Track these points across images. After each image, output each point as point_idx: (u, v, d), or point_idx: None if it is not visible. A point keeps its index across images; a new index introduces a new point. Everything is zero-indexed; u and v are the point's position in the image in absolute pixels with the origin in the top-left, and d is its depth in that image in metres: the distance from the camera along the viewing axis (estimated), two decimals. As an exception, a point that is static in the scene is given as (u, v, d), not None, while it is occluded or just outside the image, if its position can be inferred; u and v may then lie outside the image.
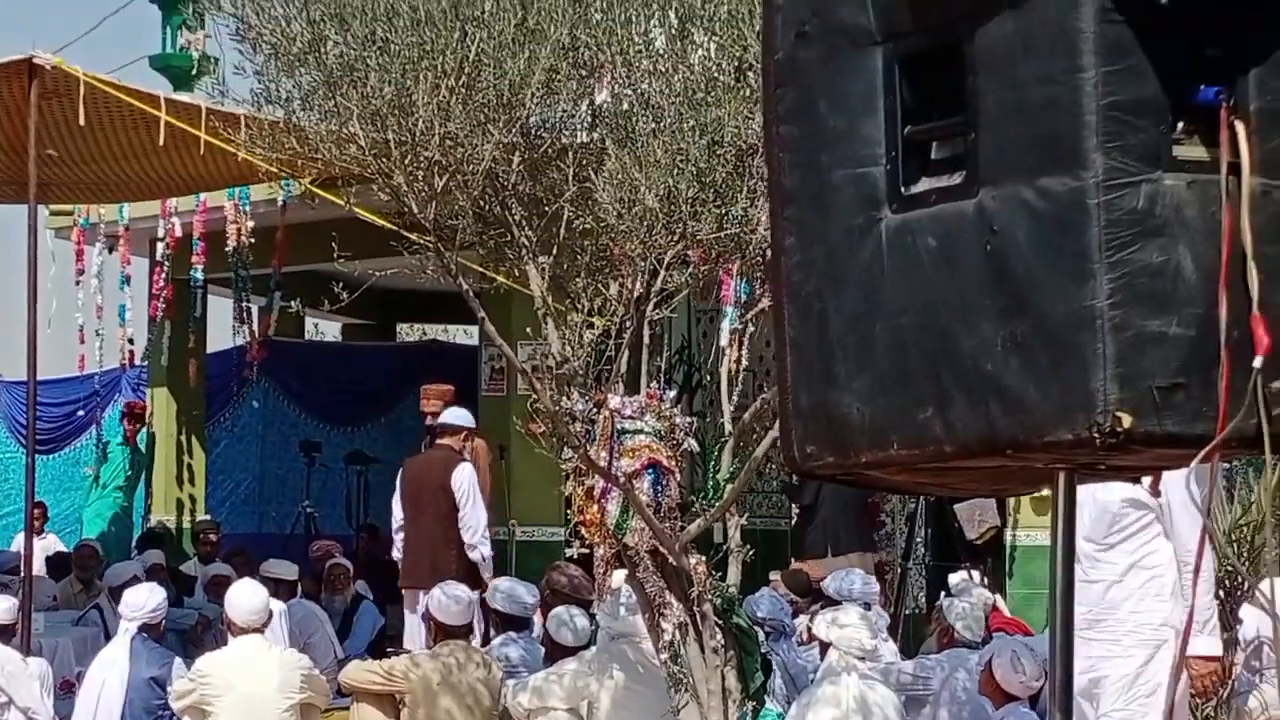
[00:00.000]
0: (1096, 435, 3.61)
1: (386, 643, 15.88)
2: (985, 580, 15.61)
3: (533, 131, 9.45)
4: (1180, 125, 3.68)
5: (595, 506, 9.87)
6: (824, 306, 4.04)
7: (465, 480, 14.68)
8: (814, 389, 4.08)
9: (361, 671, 11.65)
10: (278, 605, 13.29)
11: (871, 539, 17.89)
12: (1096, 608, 9.33)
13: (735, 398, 10.49)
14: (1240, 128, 3.67)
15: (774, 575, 15.04)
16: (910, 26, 3.94)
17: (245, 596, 11.79)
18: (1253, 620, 10.31)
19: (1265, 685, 10.26)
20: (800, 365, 4.11)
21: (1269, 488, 3.98)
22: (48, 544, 20.07)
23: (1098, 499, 9.23)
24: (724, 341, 12.63)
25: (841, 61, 4.02)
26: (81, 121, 13.50)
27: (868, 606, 12.45)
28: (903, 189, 3.93)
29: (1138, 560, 9.36)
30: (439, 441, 14.89)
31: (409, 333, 26.96)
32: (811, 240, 4.07)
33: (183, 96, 14.47)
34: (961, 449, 3.85)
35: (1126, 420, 3.58)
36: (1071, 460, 3.94)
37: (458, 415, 15.27)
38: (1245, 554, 10.03)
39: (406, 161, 9.23)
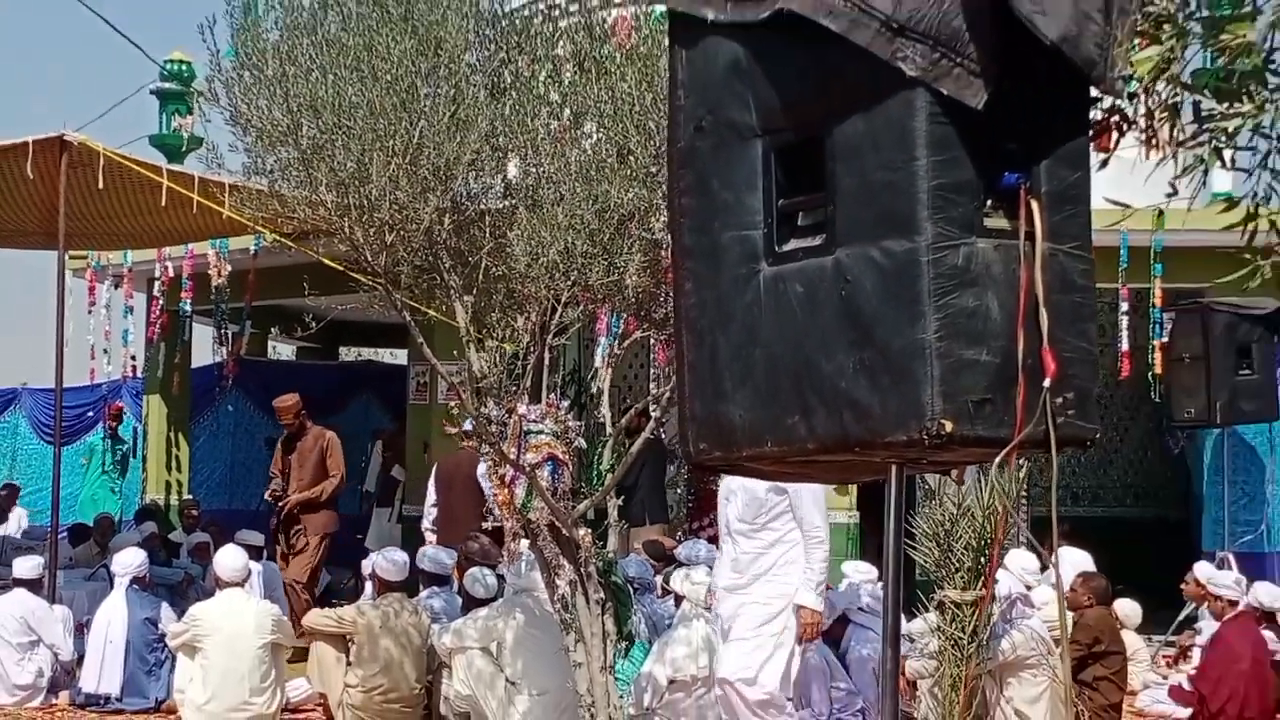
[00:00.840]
0: (925, 437, 3.68)
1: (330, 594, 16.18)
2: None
3: (461, 198, 9.48)
4: (989, 202, 3.76)
5: (506, 490, 9.95)
6: (714, 337, 4.09)
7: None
8: (706, 400, 4.12)
9: (319, 617, 11.68)
10: (254, 565, 13.31)
11: (666, 513, 17.58)
12: (747, 573, 9.91)
13: (609, 408, 10.65)
14: (1035, 205, 3.75)
15: (636, 544, 14.90)
16: (783, 124, 3.98)
17: (230, 558, 11.89)
18: (1005, 581, 10.32)
19: (1014, 631, 10.38)
20: (696, 382, 4.15)
21: (1053, 483, 3.99)
22: (19, 515, 20.43)
23: (748, 488, 9.70)
24: (599, 364, 12.73)
25: (730, 150, 4.07)
26: (100, 186, 13.37)
27: (710, 567, 12.56)
28: (776, 247, 3.98)
29: (779, 537, 9.78)
30: (465, 444, 14.44)
31: (348, 354, 26.92)
32: (705, 286, 4.10)
33: (179, 168, 14.36)
34: (821, 447, 3.90)
35: (948, 426, 3.66)
36: (904, 456, 4.00)
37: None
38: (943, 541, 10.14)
39: (364, 221, 9.23)
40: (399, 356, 24.36)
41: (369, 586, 12.94)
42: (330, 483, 15.49)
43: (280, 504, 15.54)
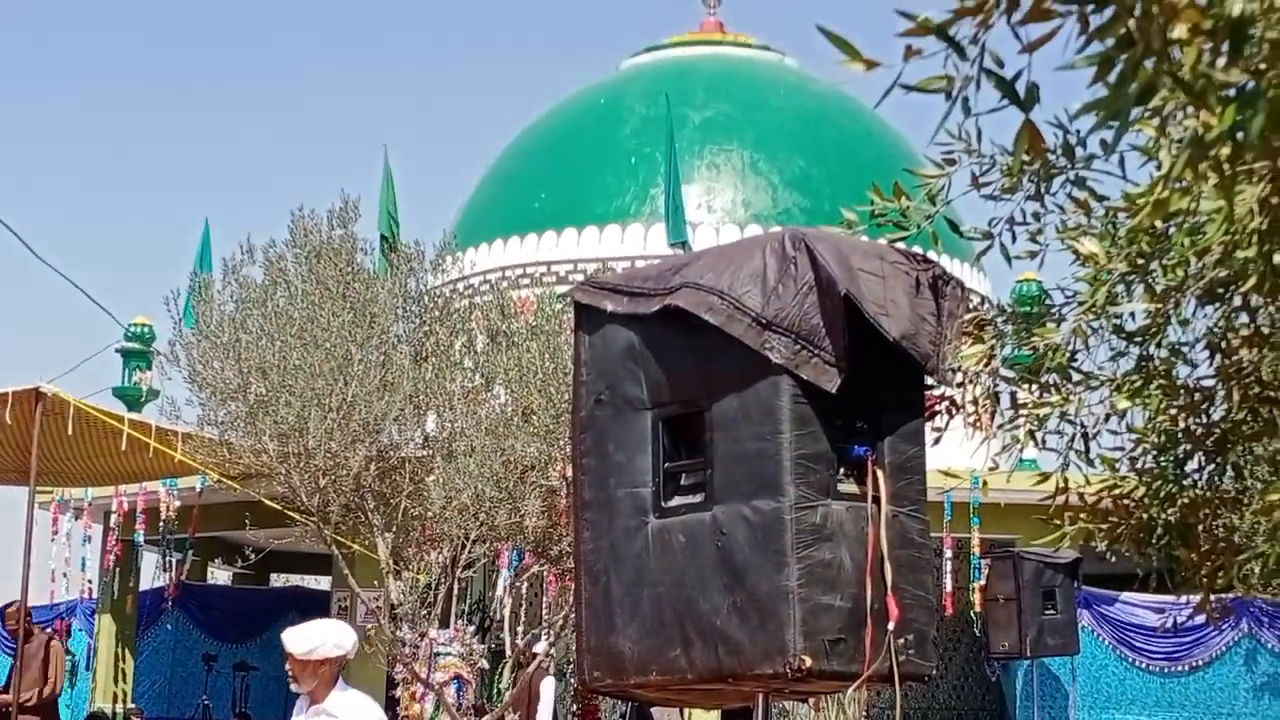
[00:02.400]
0: (788, 670, 3.61)
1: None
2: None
3: (385, 448, 9.43)
4: (842, 470, 3.75)
5: (417, 705, 9.70)
6: (608, 578, 3.99)
7: (549, 690, 13.15)
8: (600, 633, 4.00)
9: None
10: None
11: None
12: None
13: (509, 632, 10.52)
14: (880, 474, 3.74)
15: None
16: (669, 399, 3.95)
17: None
18: None
19: None
20: (591, 617, 4.03)
21: (897, 711, 3.96)
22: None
23: None
24: (500, 593, 12.48)
25: (624, 419, 4.02)
26: (70, 432, 13.00)
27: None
28: (662, 503, 3.93)
29: None
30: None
31: (278, 579, 26.36)
32: (601, 534, 4.03)
33: (138, 417, 14.07)
34: (699, 678, 3.82)
35: (808, 661, 3.59)
36: (770, 686, 3.89)
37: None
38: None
39: (300, 467, 9.20)
40: (323, 583, 23.63)
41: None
42: (47, 688, 14.12)
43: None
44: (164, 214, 75.76)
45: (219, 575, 24.69)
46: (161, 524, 18.34)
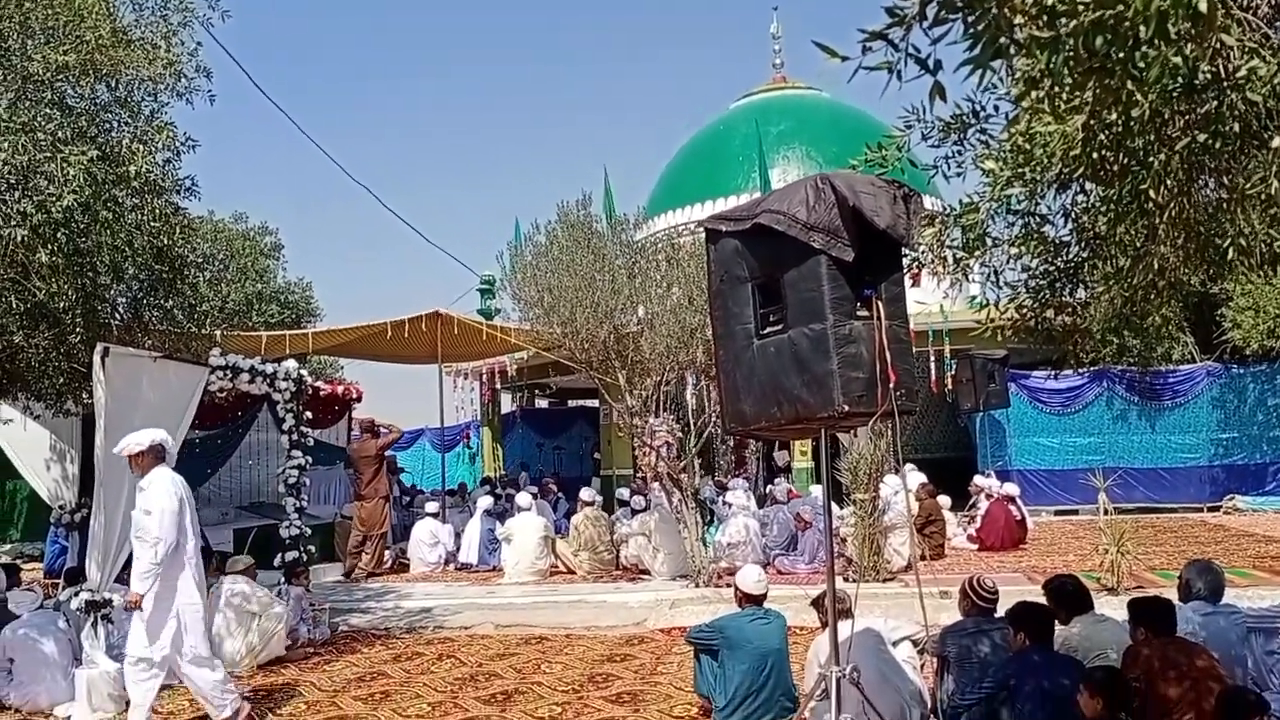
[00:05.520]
0: (836, 413, 3.78)
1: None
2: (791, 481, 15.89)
3: (618, 326, 10.39)
4: (858, 304, 3.87)
5: (647, 456, 10.42)
6: (735, 373, 4.16)
7: None
8: (732, 403, 4.18)
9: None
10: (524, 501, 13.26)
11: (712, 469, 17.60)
12: None
13: (692, 417, 10.99)
14: (879, 304, 3.87)
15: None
16: (760, 275, 4.08)
17: (522, 499, 12.75)
18: (884, 489, 10.30)
19: (889, 511, 10.36)
20: (727, 395, 4.21)
21: (895, 435, 4.21)
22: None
23: None
24: (688, 396, 13.06)
25: (736, 288, 4.16)
26: (455, 333, 14.33)
27: (743, 492, 13.03)
28: (760, 332, 4.08)
29: None
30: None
31: (573, 403, 26.75)
32: (728, 351, 4.18)
33: (503, 323, 14.61)
34: (788, 421, 3.96)
35: (846, 407, 3.76)
36: (826, 424, 4.03)
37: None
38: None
39: (574, 340, 10.36)
40: (593, 402, 23.99)
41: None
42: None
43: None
44: (495, 206, 78.29)
45: (540, 402, 25.65)
46: (510, 378, 19.92)
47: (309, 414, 10.37)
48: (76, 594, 6.68)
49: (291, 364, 9.92)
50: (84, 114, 7.43)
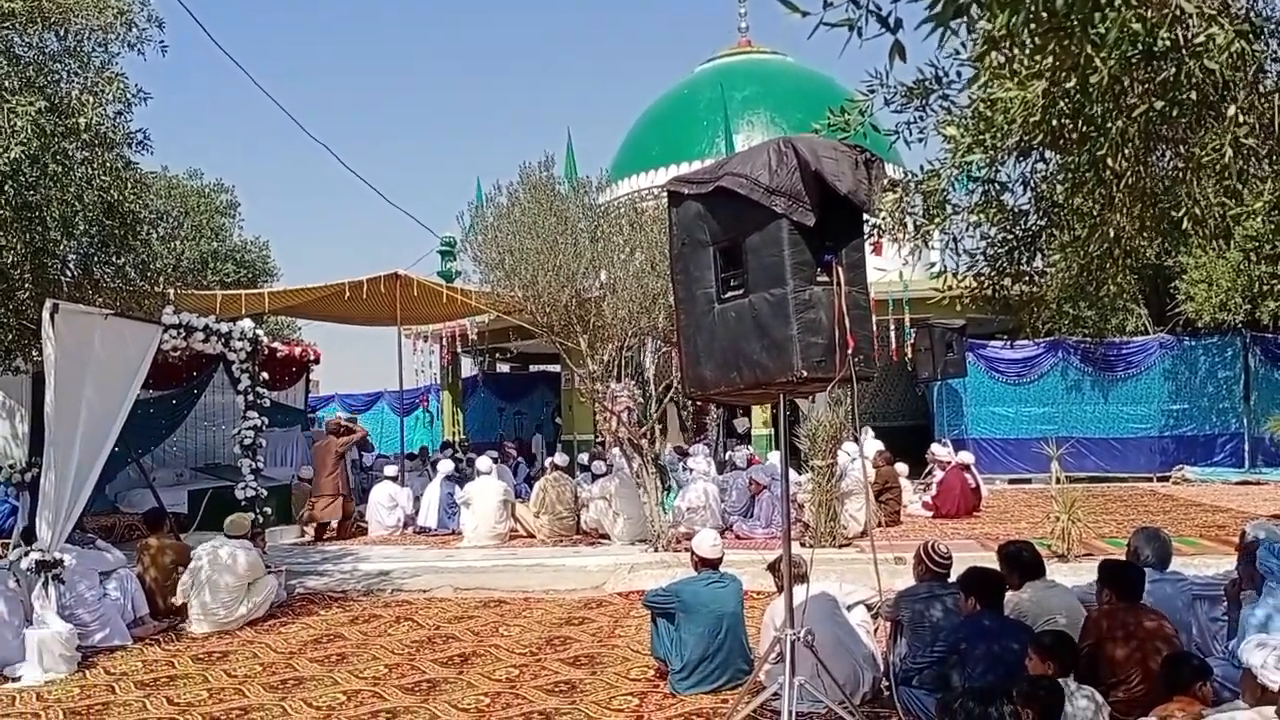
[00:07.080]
0: (794, 378, 3.79)
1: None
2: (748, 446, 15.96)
3: (580, 290, 10.22)
4: (819, 269, 3.85)
5: (608, 422, 10.38)
6: (694, 339, 4.15)
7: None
8: (692, 368, 4.17)
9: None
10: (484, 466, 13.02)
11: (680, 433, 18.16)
12: None
13: (653, 383, 10.97)
14: (839, 270, 3.85)
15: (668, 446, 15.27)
16: (722, 238, 4.06)
17: (482, 463, 12.52)
18: (841, 455, 10.37)
19: (846, 477, 10.39)
20: (687, 359, 4.19)
21: (853, 401, 4.21)
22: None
23: None
24: (647, 362, 13.23)
25: (697, 252, 4.15)
26: (415, 294, 14.09)
27: (703, 457, 13.06)
28: (721, 296, 4.07)
29: None
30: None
31: (534, 368, 26.91)
32: (689, 316, 4.17)
33: (449, 286, 14.56)
34: (747, 386, 3.97)
35: (805, 373, 3.77)
36: (785, 389, 4.05)
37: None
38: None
39: (535, 303, 10.18)
40: (554, 367, 24.27)
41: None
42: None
43: None
44: (455, 166, 77.60)
45: (501, 367, 25.59)
46: (471, 341, 19.59)
47: (265, 375, 10.19)
48: (26, 554, 6.55)
49: (247, 323, 9.77)
50: (31, 63, 7.21)
